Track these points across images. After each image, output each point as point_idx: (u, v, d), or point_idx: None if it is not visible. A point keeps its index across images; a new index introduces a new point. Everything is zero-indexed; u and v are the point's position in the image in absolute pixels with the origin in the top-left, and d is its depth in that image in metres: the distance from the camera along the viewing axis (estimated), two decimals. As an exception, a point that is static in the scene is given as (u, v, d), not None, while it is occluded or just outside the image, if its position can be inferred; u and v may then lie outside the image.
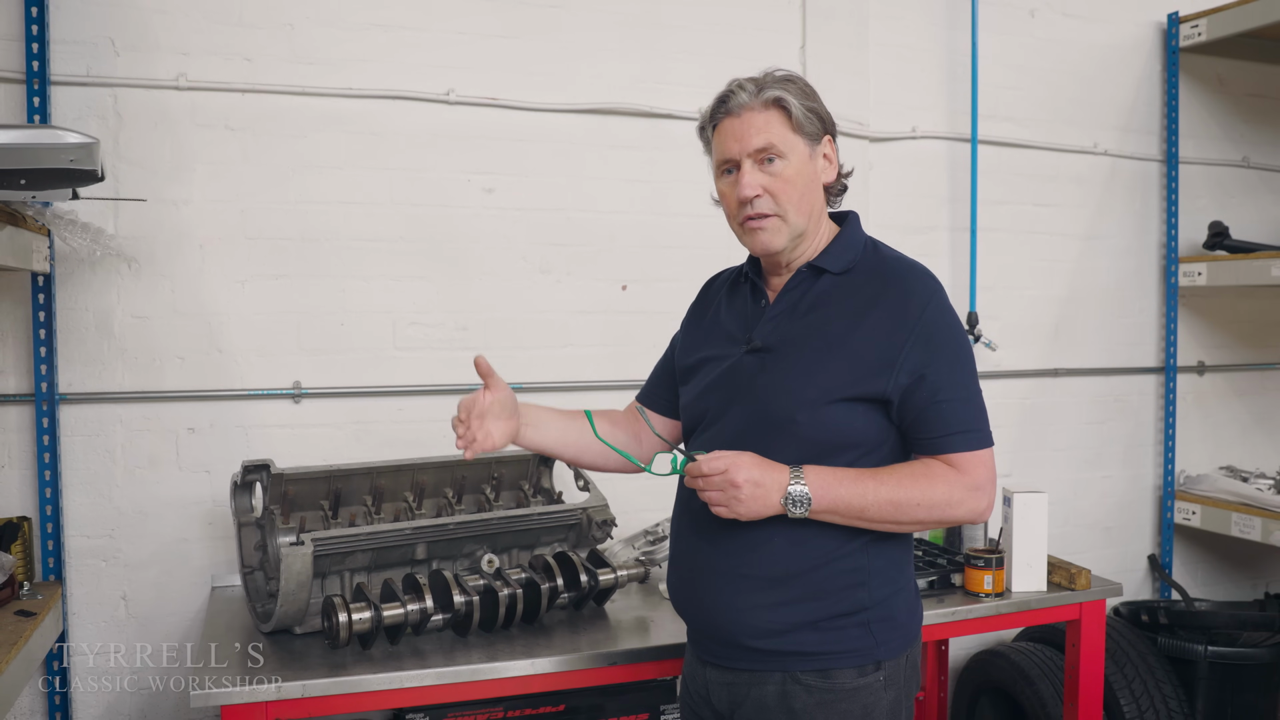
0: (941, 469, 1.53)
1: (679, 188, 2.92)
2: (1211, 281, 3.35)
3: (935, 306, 1.54)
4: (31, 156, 1.84)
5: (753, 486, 1.47)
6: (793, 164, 1.56)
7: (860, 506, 1.50)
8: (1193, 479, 3.54)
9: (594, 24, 2.84)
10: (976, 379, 1.58)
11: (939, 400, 1.51)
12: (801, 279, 1.61)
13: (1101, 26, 3.43)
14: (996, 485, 1.58)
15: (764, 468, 1.49)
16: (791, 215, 1.57)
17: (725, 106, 1.58)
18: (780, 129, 1.56)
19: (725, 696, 1.61)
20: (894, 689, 1.57)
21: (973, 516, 1.56)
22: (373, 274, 2.67)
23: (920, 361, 1.51)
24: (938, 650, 3.06)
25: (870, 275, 1.59)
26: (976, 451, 1.54)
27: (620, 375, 2.87)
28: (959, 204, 3.27)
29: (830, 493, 1.49)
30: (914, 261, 1.63)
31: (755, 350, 1.60)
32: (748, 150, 1.55)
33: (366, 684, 1.87)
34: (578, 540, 2.37)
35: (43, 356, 2.38)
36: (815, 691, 1.53)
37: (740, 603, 1.56)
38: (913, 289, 1.55)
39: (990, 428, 1.57)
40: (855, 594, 1.54)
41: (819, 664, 1.54)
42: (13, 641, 1.96)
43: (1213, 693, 2.98)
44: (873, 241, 1.66)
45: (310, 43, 2.59)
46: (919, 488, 1.51)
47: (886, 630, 1.56)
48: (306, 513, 2.25)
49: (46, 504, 2.40)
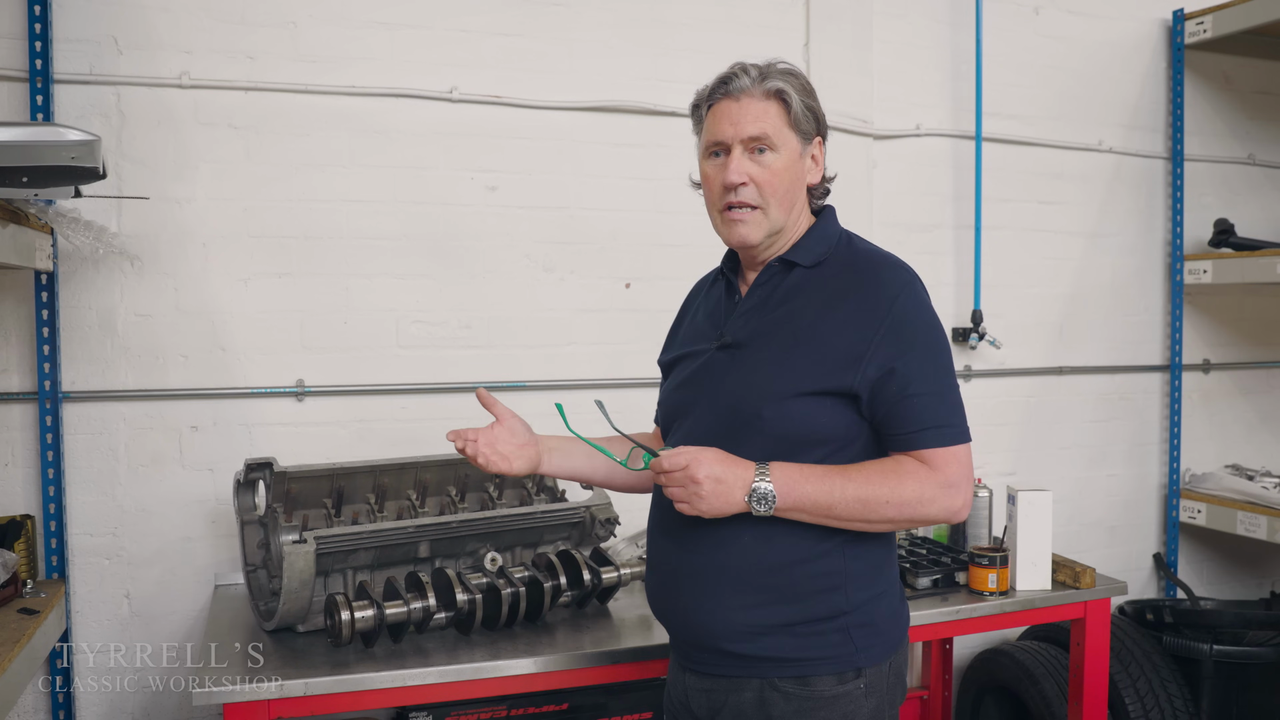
0: (913, 466, 1.48)
1: (682, 186, 2.88)
2: (1217, 279, 3.34)
3: (906, 298, 1.50)
4: (33, 153, 1.84)
5: (714, 483, 1.44)
6: (783, 158, 1.54)
7: (827, 504, 1.46)
8: (1198, 477, 3.53)
9: (597, 22, 2.84)
10: (952, 374, 1.54)
11: (910, 394, 1.47)
12: (773, 273, 1.59)
13: (1106, 23, 3.42)
14: (972, 482, 1.52)
15: (726, 464, 1.46)
16: (773, 210, 1.55)
17: (726, 88, 1.56)
18: (777, 121, 1.54)
19: (704, 703, 1.58)
20: (875, 697, 1.53)
21: (946, 515, 1.51)
22: (376, 272, 2.67)
23: (890, 355, 1.47)
24: (942, 649, 3.06)
25: (842, 268, 1.56)
26: (950, 448, 1.49)
27: (623, 373, 2.87)
28: (963, 201, 3.26)
29: (795, 490, 1.45)
30: (888, 254, 1.59)
31: (726, 346, 1.58)
32: (741, 136, 1.53)
33: (369, 682, 1.87)
34: (581, 538, 2.37)
35: (46, 355, 2.39)
36: (793, 699, 1.50)
37: (713, 604, 1.53)
38: (884, 281, 1.52)
39: (967, 424, 1.52)
40: (832, 598, 1.50)
41: (797, 670, 1.50)
42: (16, 639, 1.96)
43: (1218, 692, 2.97)
44: (848, 235, 1.63)
45: (313, 41, 2.59)
46: (888, 485, 1.46)
47: (867, 636, 1.52)
48: (309, 511, 2.25)
49: (50, 502, 2.40)
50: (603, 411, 1.59)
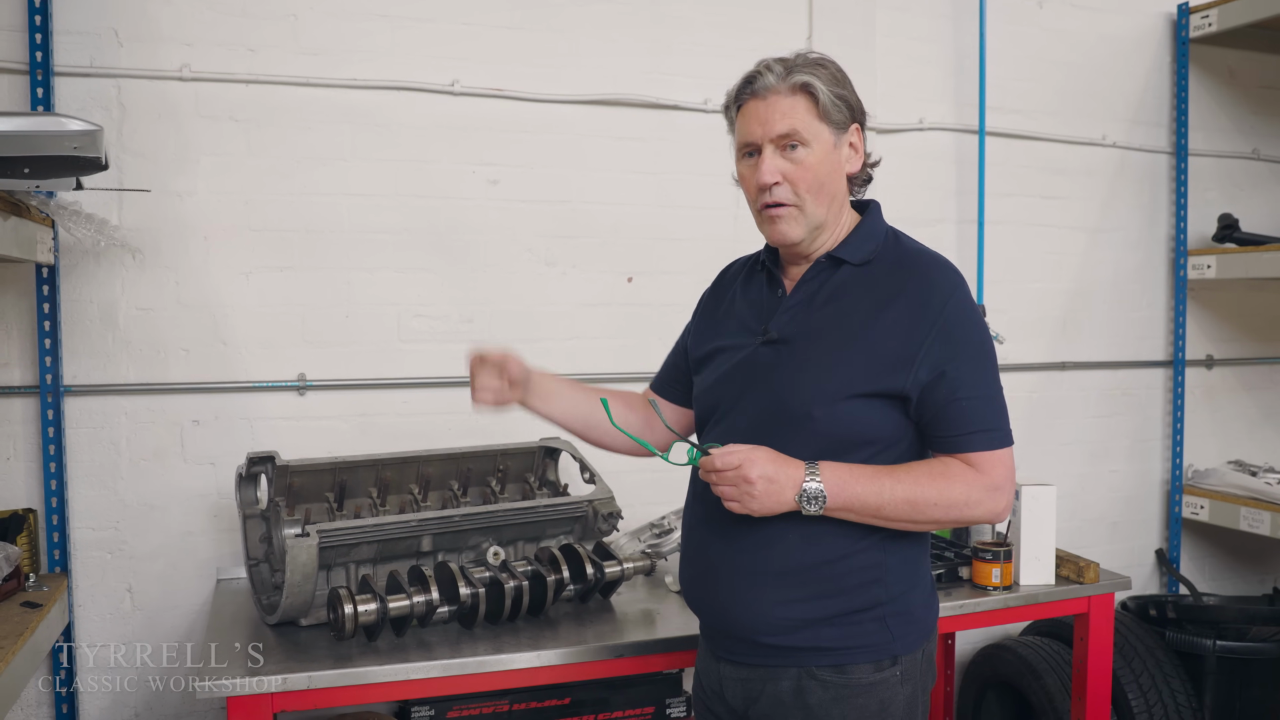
0: (960, 468, 1.49)
1: (685, 179, 2.91)
2: (1221, 274, 3.33)
3: (958, 301, 1.50)
4: (35, 144, 1.83)
5: (766, 483, 1.44)
6: (815, 152, 1.52)
7: (876, 505, 1.47)
8: (1201, 473, 3.52)
9: (599, 15, 2.83)
10: (998, 376, 1.54)
11: (959, 398, 1.48)
12: (820, 269, 1.58)
13: (1110, 17, 3.41)
14: (1014, 485, 1.54)
15: (778, 464, 1.46)
16: (810, 205, 1.53)
17: (751, 87, 1.54)
18: (805, 116, 1.52)
19: (740, 692, 1.59)
20: (910, 684, 1.55)
21: (990, 517, 1.53)
22: (377, 266, 2.66)
23: (941, 357, 1.47)
24: (945, 644, 3.05)
25: (891, 267, 1.55)
26: (996, 451, 1.50)
27: (626, 367, 2.86)
28: (966, 196, 3.25)
29: (846, 490, 1.46)
30: (936, 254, 1.59)
31: (771, 342, 1.57)
32: (770, 135, 1.52)
33: (372, 676, 1.87)
34: (583, 533, 2.36)
35: (47, 348, 2.38)
36: (831, 687, 1.51)
37: (754, 599, 1.54)
38: (935, 282, 1.52)
39: (1010, 427, 1.53)
40: (872, 590, 1.52)
41: (835, 659, 1.51)
42: (19, 633, 1.95)
43: (1221, 687, 2.96)
44: (894, 232, 1.62)
45: (315, 34, 2.58)
46: (936, 487, 1.47)
47: (903, 625, 1.54)
48: (311, 505, 2.25)
49: (52, 496, 2.39)
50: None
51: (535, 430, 2.67)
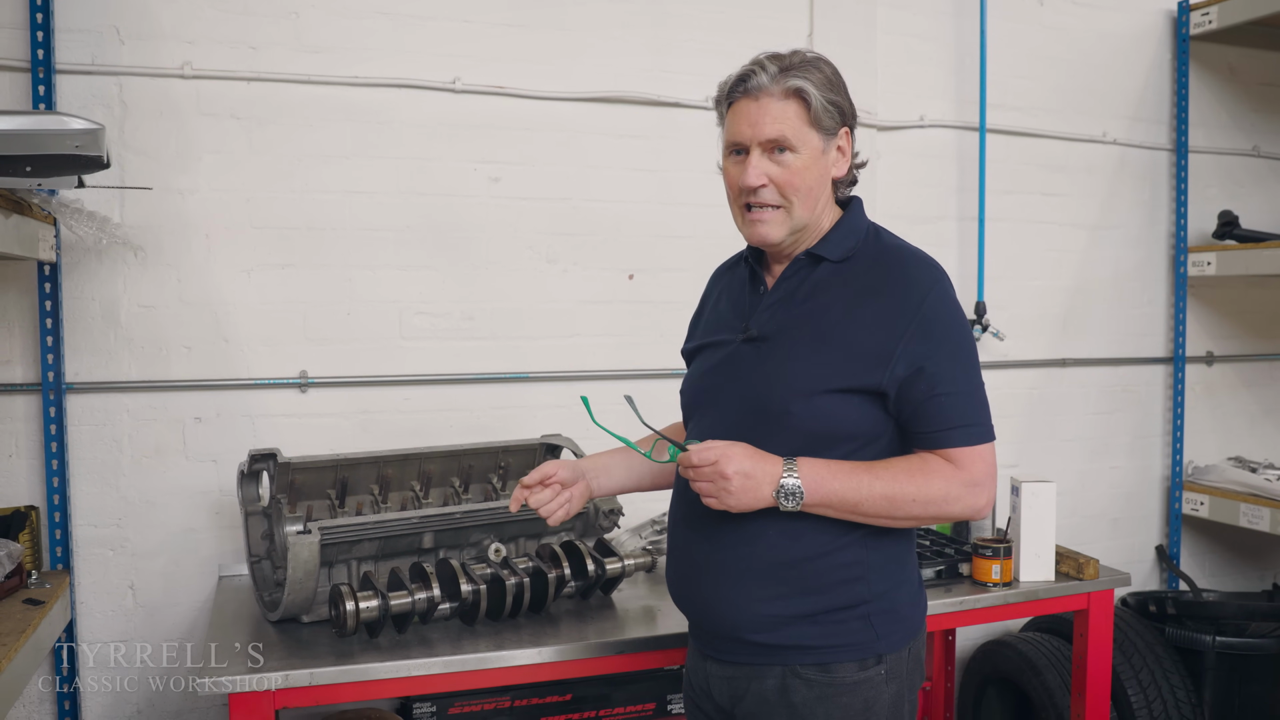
0: (939, 464, 1.49)
1: (686, 177, 2.91)
2: (1221, 271, 3.33)
3: (936, 296, 1.50)
4: (36, 142, 1.83)
5: (742, 478, 1.44)
6: (803, 157, 1.52)
7: (854, 501, 1.46)
8: (1201, 470, 3.53)
9: (601, 13, 2.83)
10: (979, 372, 1.54)
11: (938, 393, 1.47)
12: (800, 267, 1.58)
13: (1111, 14, 3.41)
14: (996, 481, 1.53)
15: (755, 459, 1.46)
16: (796, 209, 1.53)
17: (744, 86, 1.53)
18: (795, 122, 1.51)
19: (726, 690, 1.59)
20: (896, 682, 1.54)
21: (970, 513, 1.52)
22: (379, 264, 2.66)
23: (919, 353, 1.47)
24: (944, 640, 3.06)
25: (870, 263, 1.55)
26: (976, 447, 1.50)
27: (627, 365, 2.87)
28: (967, 193, 3.25)
29: (823, 486, 1.46)
30: (917, 249, 1.58)
31: (751, 339, 1.57)
32: (759, 138, 1.51)
33: (373, 672, 1.87)
34: (585, 529, 2.37)
35: (49, 346, 2.38)
36: (815, 685, 1.51)
37: (736, 596, 1.54)
38: (914, 278, 1.51)
39: (992, 422, 1.53)
40: (854, 587, 1.52)
41: (818, 657, 1.51)
42: (21, 630, 1.96)
43: (1220, 683, 2.97)
44: (875, 228, 1.62)
45: (316, 31, 2.58)
46: (915, 483, 1.47)
47: (888, 623, 1.54)
48: (313, 502, 2.25)
49: (54, 493, 2.40)
50: (632, 407, 1.60)
51: (536, 427, 2.69)
